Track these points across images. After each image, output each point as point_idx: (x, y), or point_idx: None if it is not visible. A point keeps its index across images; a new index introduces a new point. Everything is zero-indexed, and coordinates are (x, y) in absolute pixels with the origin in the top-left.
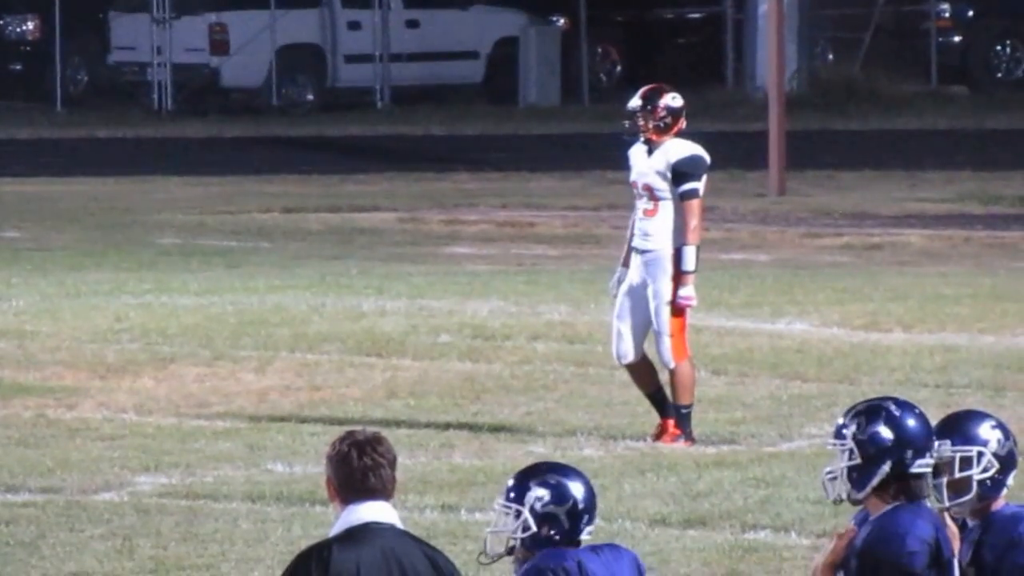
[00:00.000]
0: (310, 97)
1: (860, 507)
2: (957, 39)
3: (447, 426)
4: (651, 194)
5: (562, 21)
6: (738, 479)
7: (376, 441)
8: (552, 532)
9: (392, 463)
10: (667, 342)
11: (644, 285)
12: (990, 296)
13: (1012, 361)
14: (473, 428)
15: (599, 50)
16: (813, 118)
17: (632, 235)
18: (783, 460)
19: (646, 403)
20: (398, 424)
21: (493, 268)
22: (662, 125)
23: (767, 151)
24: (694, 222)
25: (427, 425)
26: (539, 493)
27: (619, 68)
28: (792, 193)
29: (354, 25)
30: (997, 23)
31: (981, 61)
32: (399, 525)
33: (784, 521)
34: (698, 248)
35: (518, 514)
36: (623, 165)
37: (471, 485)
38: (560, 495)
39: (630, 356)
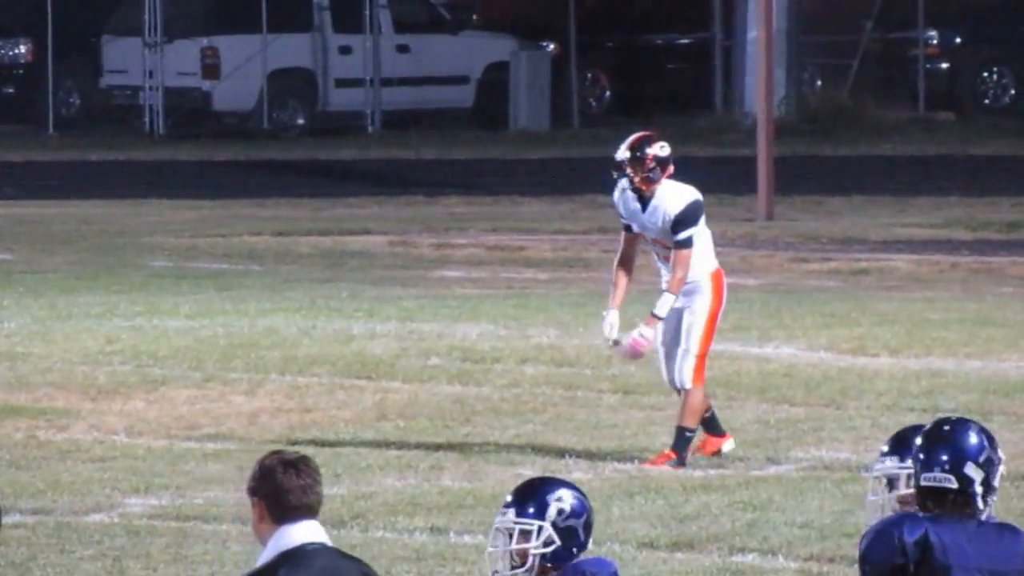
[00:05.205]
0: (301, 121)
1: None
2: (944, 66)
3: (437, 448)
4: (664, 245)
5: (552, 46)
6: (725, 503)
7: (306, 460)
8: (571, 545)
9: (321, 481)
10: (691, 362)
11: (683, 308)
12: (977, 321)
13: (999, 386)
14: (463, 450)
15: (588, 75)
16: (801, 144)
17: (619, 278)
18: (770, 484)
19: (634, 426)
20: (388, 446)
21: (483, 292)
22: (651, 176)
23: (755, 176)
24: (680, 273)
25: (417, 447)
26: (560, 507)
27: (608, 93)
28: (780, 218)
29: (345, 50)
30: (984, 50)
31: (968, 88)
32: (329, 543)
33: (771, 545)
34: (676, 298)
35: (540, 530)
36: (612, 190)
37: (460, 507)
38: (577, 508)
39: None
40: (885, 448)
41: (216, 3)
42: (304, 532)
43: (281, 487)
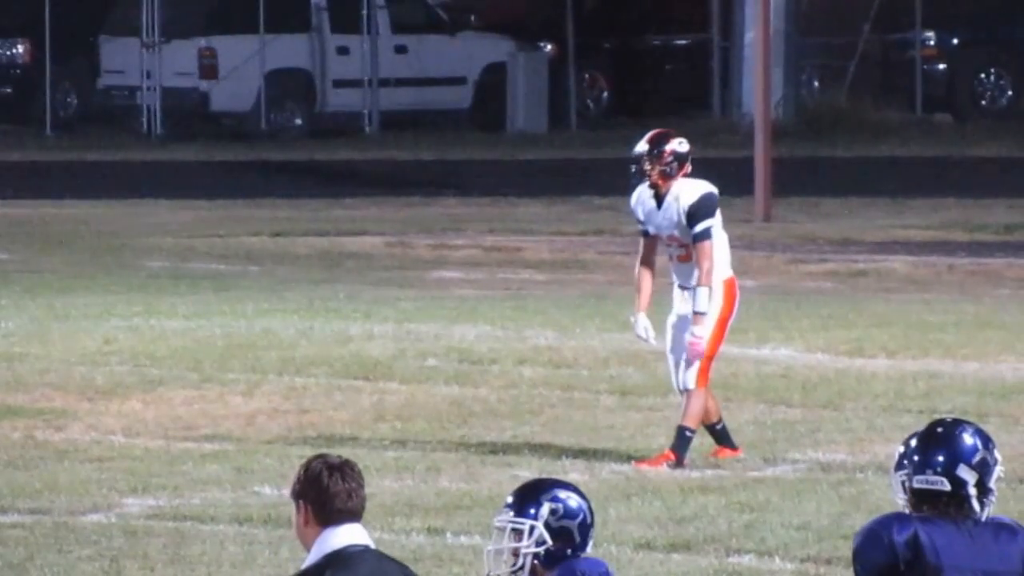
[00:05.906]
0: (299, 122)
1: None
2: (942, 68)
3: (434, 449)
4: (679, 243)
5: (549, 47)
6: (722, 504)
7: (351, 464)
8: (565, 546)
9: (363, 484)
10: (696, 363)
11: (693, 311)
12: (974, 323)
13: (995, 388)
14: (460, 452)
15: (586, 77)
16: (799, 145)
17: (642, 282)
18: (767, 485)
19: (631, 427)
20: (385, 447)
21: (480, 293)
22: (668, 171)
23: (753, 178)
24: (707, 264)
25: (414, 448)
26: (553, 507)
27: (606, 95)
28: (778, 220)
29: (343, 50)
30: (981, 52)
31: (966, 90)
32: (372, 545)
33: (768, 546)
34: (711, 289)
35: (531, 530)
36: (610, 192)
37: (457, 509)
38: (572, 509)
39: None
40: (902, 449)
41: (214, 4)
42: (348, 535)
43: (327, 491)
